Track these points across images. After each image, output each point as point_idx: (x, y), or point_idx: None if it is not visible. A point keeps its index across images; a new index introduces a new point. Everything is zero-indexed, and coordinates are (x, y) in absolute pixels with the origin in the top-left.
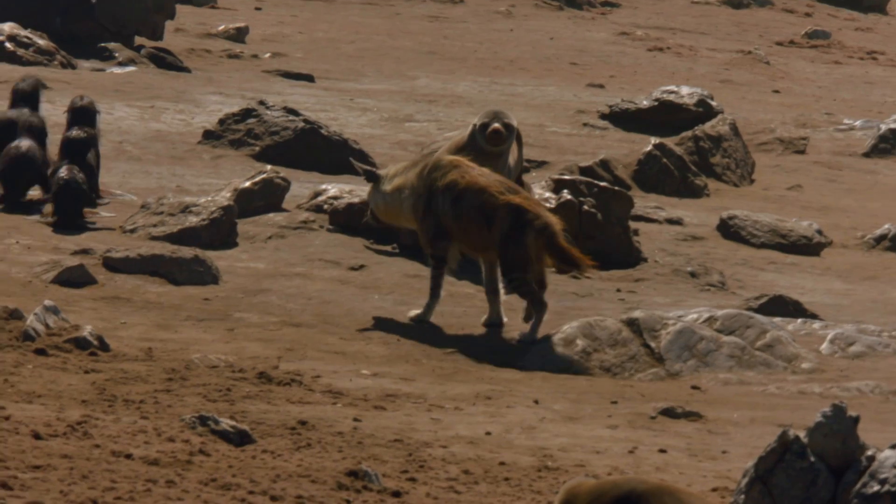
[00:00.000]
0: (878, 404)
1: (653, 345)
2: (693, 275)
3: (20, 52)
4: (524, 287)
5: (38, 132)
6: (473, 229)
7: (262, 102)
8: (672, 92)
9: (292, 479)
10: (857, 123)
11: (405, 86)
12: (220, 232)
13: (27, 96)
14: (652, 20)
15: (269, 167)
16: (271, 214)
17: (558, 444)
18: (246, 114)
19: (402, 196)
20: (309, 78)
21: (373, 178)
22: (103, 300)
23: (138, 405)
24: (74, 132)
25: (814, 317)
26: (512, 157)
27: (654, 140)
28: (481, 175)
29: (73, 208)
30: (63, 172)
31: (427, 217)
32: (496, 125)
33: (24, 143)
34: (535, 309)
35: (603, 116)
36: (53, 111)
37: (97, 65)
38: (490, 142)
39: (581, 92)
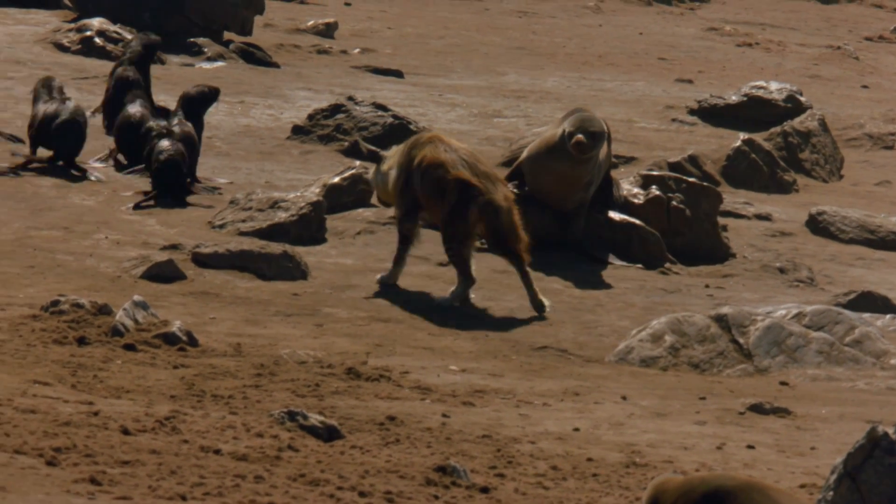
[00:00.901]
0: None
1: (741, 341)
2: (782, 271)
3: (109, 47)
4: (458, 258)
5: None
6: (432, 202)
7: (350, 98)
8: (761, 87)
9: (381, 475)
10: None
11: (494, 81)
12: (308, 227)
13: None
14: (741, 15)
15: (357, 163)
16: (360, 210)
17: (646, 440)
18: (335, 109)
19: (391, 174)
20: (398, 73)
21: (375, 159)
22: (192, 295)
23: (227, 400)
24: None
25: None
26: (601, 154)
27: (742, 136)
28: (447, 150)
29: (176, 182)
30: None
31: (404, 192)
32: (580, 136)
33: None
34: (463, 280)
35: (691, 112)
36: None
37: (186, 60)
38: (574, 150)
39: (670, 87)
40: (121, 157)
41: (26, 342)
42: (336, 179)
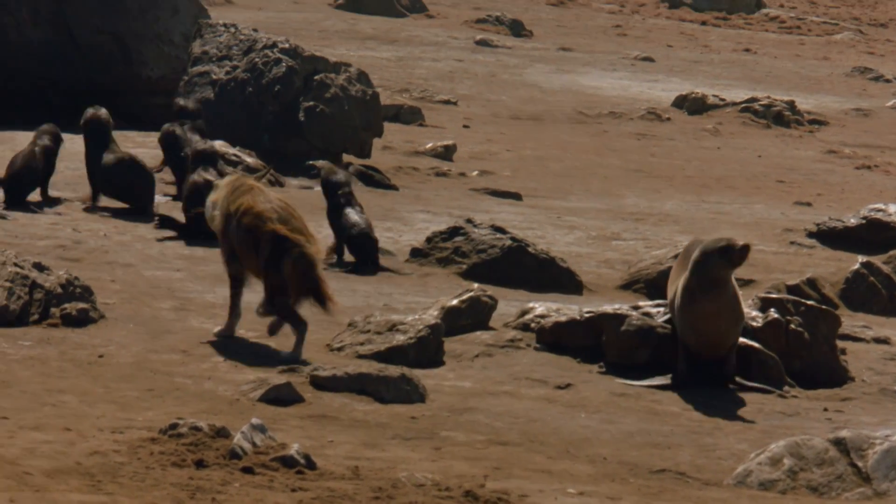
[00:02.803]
0: None
1: (860, 464)
2: None
3: (228, 170)
4: (285, 310)
5: None
6: (246, 252)
7: (469, 220)
8: (880, 210)
9: None
10: None
11: (612, 204)
12: (427, 350)
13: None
14: (860, 138)
15: (476, 285)
16: (478, 333)
17: None
18: (453, 232)
19: (214, 210)
20: (516, 196)
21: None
22: (310, 418)
23: None
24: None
25: None
26: None
27: (861, 258)
28: (265, 201)
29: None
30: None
31: (224, 236)
32: (743, 242)
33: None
34: (297, 329)
35: (810, 234)
36: None
37: (305, 182)
38: (741, 256)
39: (788, 210)
40: None
41: (145, 465)
42: (454, 302)
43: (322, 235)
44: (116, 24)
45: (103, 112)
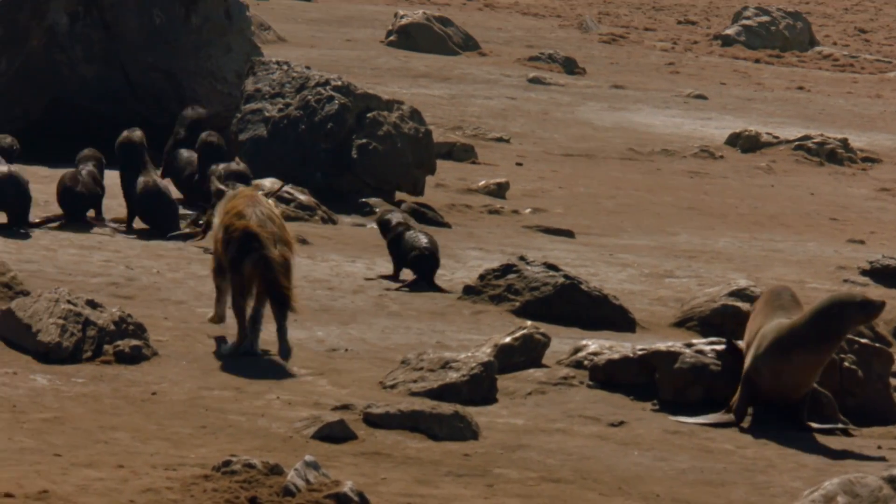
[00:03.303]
0: None
1: None
2: None
3: (281, 207)
4: (236, 311)
5: None
6: (223, 253)
7: (522, 258)
8: None
9: None
10: None
11: (665, 241)
12: (480, 388)
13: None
14: None
15: (529, 323)
16: (531, 370)
17: None
18: (506, 269)
19: (215, 222)
20: (569, 233)
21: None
22: (363, 455)
23: None
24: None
25: None
26: None
27: None
28: (252, 205)
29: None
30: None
31: (217, 244)
32: (880, 299)
33: None
34: (239, 336)
35: (863, 273)
36: (314, 266)
37: (357, 220)
38: (875, 317)
39: (841, 248)
40: None
41: (198, 502)
42: (507, 339)
43: (384, 268)
44: (169, 61)
45: (136, 134)
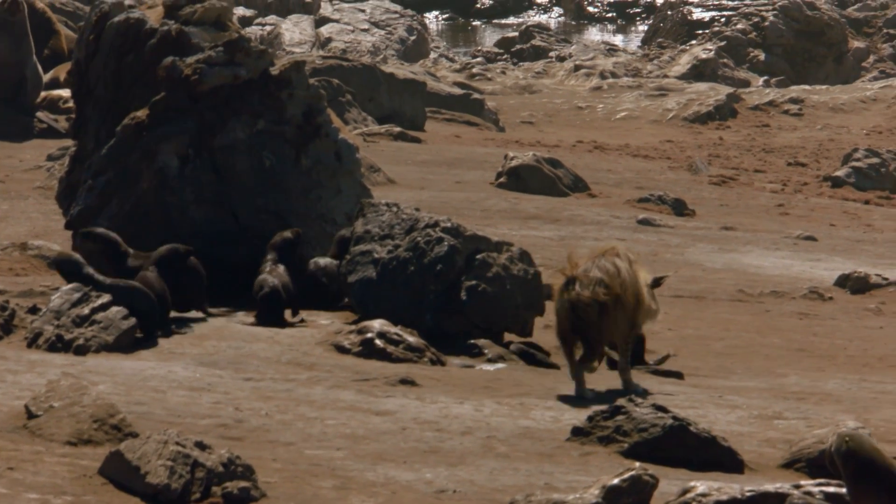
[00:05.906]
0: None
1: None
2: None
3: (390, 348)
4: None
5: None
6: None
7: (631, 400)
8: None
9: None
10: None
11: (774, 383)
12: None
13: None
14: None
15: (637, 464)
16: None
17: None
18: (615, 411)
19: None
20: (678, 375)
21: None
22: None
23: None
24: None
25: None
26: None
27: None
28: None
29: None
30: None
31: None
32: None
33: None
34: None
35: None
36: (422, 408)
37: (466, 361)
38: None
39: None
40: None
41: None
42: (616, 481)
43: (492, 409)
44: (279, 203)
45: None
